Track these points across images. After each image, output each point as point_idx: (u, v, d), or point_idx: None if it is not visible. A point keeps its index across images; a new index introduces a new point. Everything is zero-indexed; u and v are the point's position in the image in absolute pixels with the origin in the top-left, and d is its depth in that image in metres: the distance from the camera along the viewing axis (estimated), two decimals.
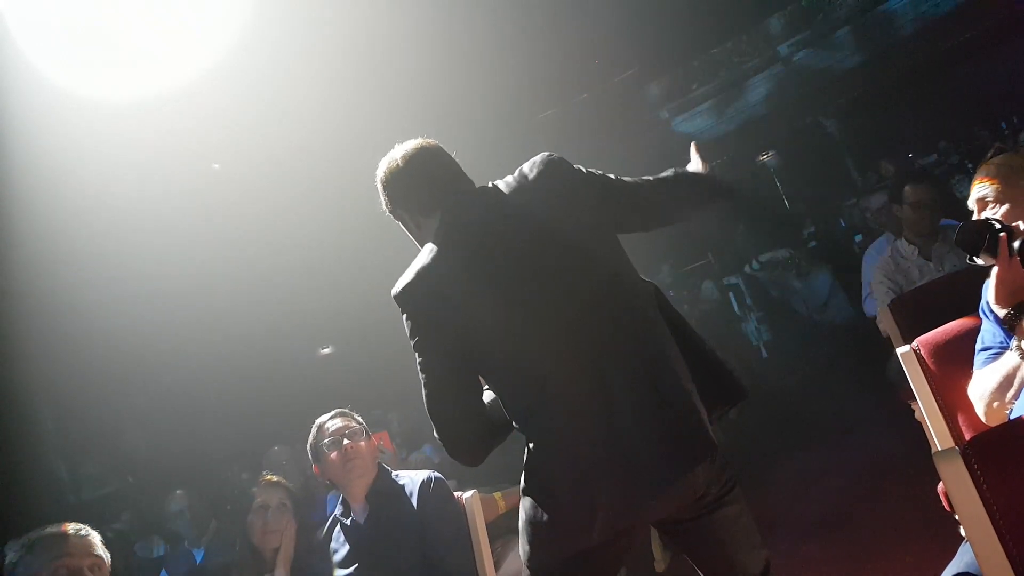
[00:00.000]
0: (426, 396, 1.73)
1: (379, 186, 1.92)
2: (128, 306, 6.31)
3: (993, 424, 1.84)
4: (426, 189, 1.85)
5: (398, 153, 1.90)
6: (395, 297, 1.75)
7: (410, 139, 1.92)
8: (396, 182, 1.89)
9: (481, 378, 1.79)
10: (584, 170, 1.83)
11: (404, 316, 1.74)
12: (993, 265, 1.75)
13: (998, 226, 1.73)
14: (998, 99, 10.31)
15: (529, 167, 1.81)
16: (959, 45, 10.81)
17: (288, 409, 5.36)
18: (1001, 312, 1.75)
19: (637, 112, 12.77)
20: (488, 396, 1.83)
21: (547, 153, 1.83)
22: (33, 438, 6.28)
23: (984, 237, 1.73)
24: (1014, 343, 1.73)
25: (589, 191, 1.79)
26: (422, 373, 1.73)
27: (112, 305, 6.19)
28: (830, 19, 11.94)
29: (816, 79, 12.03)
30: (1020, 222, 1.78)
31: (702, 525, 1.73)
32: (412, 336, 1.73)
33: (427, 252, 1.75)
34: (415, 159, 1.87)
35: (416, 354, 1.74)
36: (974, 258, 1.77)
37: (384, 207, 1.94)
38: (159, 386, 6.73)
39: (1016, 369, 1.76)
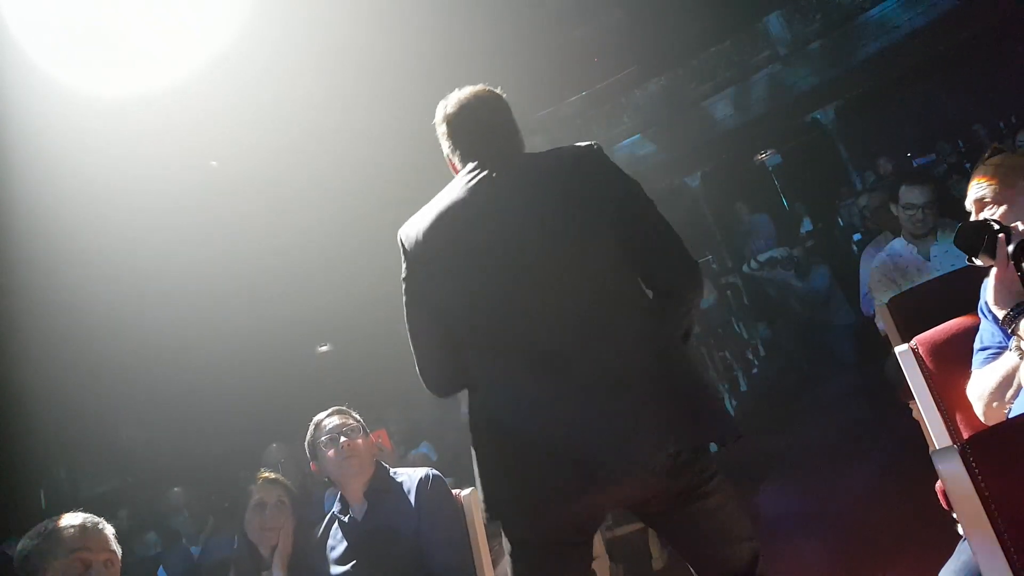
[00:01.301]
0: (407, 328, 1.86)
1: (436, 126, 1.97)
2: (126, 304, 6.31)
3: (992, 423, 1.84)
4: (468, 141, 1.90)
5: (454, 98, 1.95)
6: (399, 236, 1.87)
7: (469, 86, 1.97)
8: (447, 126, 1.94)
9: None
10: (622, 176, 1.80)
11: (402, 253, 1.87)
12: (992, 266, 1.75)
13: (997, 227, 1.72)
14: (996, 98, 10.31)
15: (573, 152, 1.82)
16: (957, 45, 10.83)
17: (286, 407, 5.36)
18: (1000, 313, 1.75)
19: (635, 110, 12.78)
20: None
21: (595, 145, 1.83)
22: (32, 435, 6.27)
23: (983, 238, 1.72)
24: (1013, 343, 1.72)
25: (618, 195, 1.77)
26: (405, 309, 1.86)
27: (110, 303, 6.19)
28: (829, 18, 11.95)
29: (815, 78, 12.05)
30: (1019, 223, 1.77)
31: (678, 517, 1.72)
32: (403, 273, 1.86)
33: (440, 199, 1.85)
34: (466, 107, 1.92)
35: (403, 289, 1.86)
36: (973, 259, 1.76)
37: (443, 145, 1.99)
38: (157, 384, 6.72)
39: (1015, 369, 1.75)
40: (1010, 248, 1.68)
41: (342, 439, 2.61)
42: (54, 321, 5.89)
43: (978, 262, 1.76)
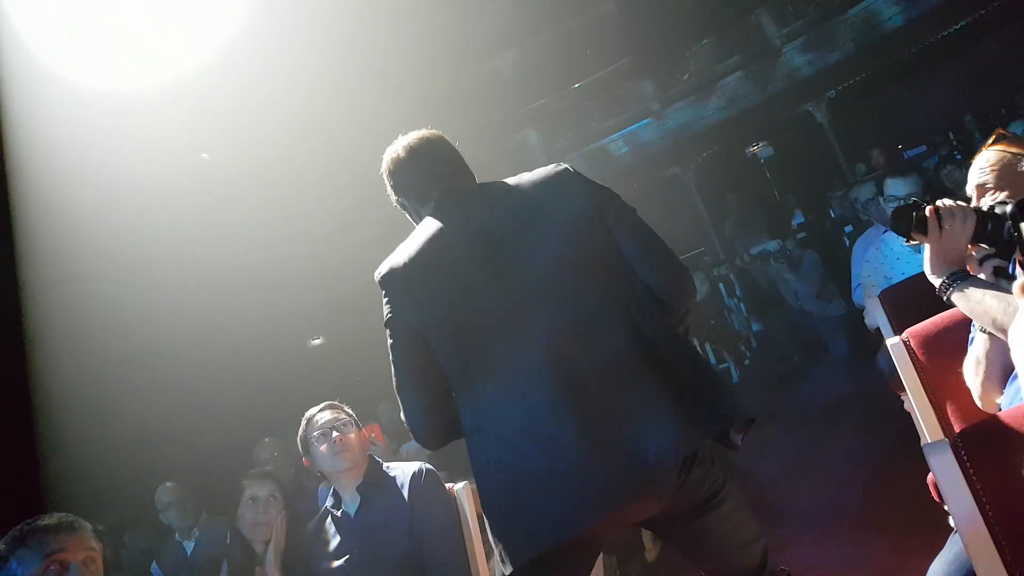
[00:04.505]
0: (393, 376, 1.79)
1: (384, 175, 1.98)
2: (118, 299, 6.28)
3: (989, 410, 1.85)
4: (424, 179, 1.90)
5: (401, 143, 1.96)
6: (377, 278, 1.81)
7: (413, 131, 1.98)
8: (397, 172, 1.95)
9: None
10: (596, 185, 1.82)
11: (383, 296, 1.80)
12: (925, 243, 1.76)
13: (924, 205, 1.74)
14: (987, 90, 10.34)
15: (540, 172, 1.84)
16: (949, 36, 10.85)
17: (278, 401, 5.35)
18: (936, 282, 1.76)
19: (628, 102, 12.76)
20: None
21: (562, 164, 1.85)
22: (24, 431, 6.25)
23: (912, 217, 1.73)
24: (977, 324, 1.75)
25: (594, 204, 1.78)
26: (391, 353, 1.79)
27: (101, 298, 6.16)
28: (821, 10, 11.95)
29: (806, 70, 12.05)
30: (948, 199, 1.78)
31: (692, 528, 1.73)
32: (386, 315, 1.79)
33: (413, 236, 1.83)
34: (416, 150, 1.93)
35: (387, 334, 1.79)
36: (910, 240, 1.78)
37: (391, 195, 1.99)
38: (149, 378, 6.70)
39: (985, 346, 1.78)
40: (1008, 207, 1.67)
41: (334, 434, 2.61)
42: (46, 316, 5.86)
43: (915, 241, 1.77)
